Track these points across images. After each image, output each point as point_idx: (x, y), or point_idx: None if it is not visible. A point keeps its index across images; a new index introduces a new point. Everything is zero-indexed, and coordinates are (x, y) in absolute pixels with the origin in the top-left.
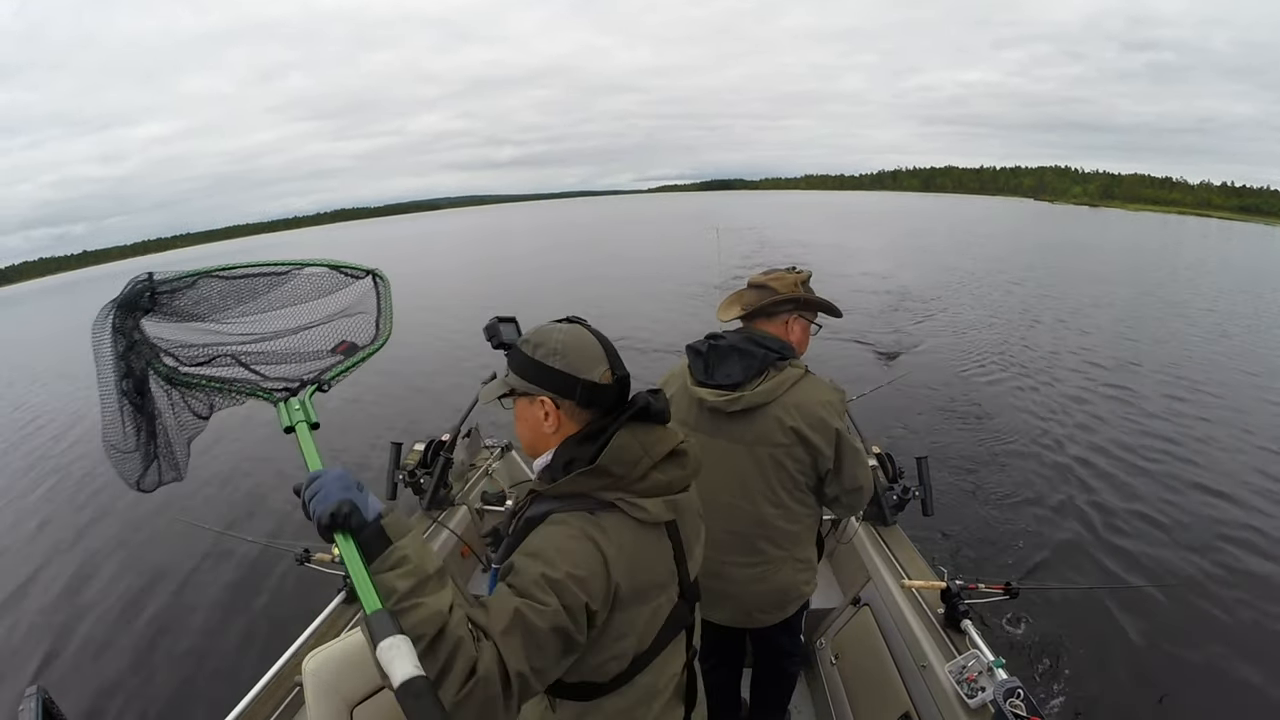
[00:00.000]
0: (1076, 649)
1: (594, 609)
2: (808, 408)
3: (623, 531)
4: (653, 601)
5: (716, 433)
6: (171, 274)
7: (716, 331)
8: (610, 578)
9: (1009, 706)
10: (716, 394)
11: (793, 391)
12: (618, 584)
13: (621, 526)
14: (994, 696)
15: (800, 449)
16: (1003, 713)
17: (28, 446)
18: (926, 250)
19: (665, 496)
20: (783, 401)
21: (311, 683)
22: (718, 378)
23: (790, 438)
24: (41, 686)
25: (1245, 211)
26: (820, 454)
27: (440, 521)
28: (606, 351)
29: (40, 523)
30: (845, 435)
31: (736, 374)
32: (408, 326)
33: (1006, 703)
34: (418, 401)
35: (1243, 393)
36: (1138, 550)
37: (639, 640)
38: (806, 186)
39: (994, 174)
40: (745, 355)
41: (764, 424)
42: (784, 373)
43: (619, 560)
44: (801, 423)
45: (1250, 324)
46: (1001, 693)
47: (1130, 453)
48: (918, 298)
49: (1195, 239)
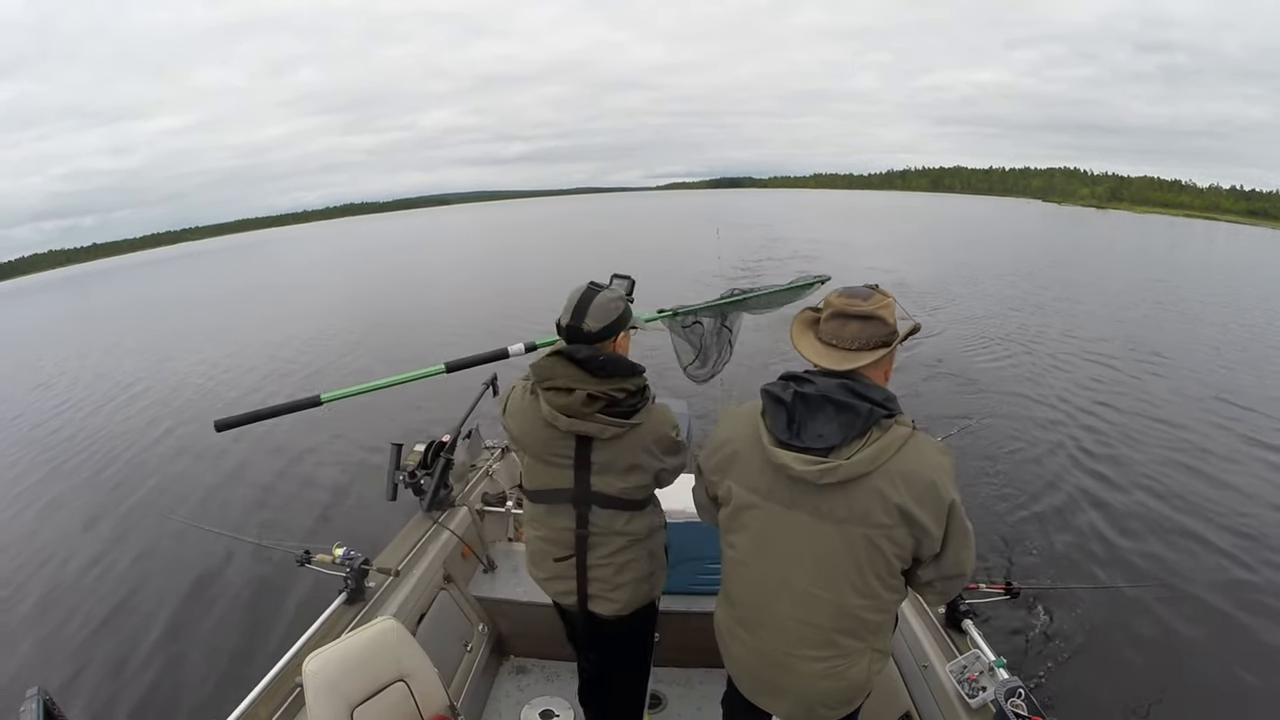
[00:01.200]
0: (1078, 649)
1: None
2: (918, 478)
3: (527, 402)
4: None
5: (796, 504)
6: None
7: (796, 371)
8: (505, 419)
9: (1010, 706)
10: (805, 460)
11: (900, 457)
12: (509, 428)
13: (521, 400)
14: (995, 696)
15: (904, 530)
16: (1004, 713)
17: (27, 447)
18: (927, 248)
19: (556, 408)
20: (888, 470)
21: (312, 683)
22: (806, 438)
23: (894, 517)
24: (42, 688)
25: (1254, 215)
26: (928, 536)
27: (441, 523)
28: (572, 307)
29: (41, 523)
30: (959, 512)
31: (833, 435)
32: (408, 327)
33: (1008, 703)
34: (418, 402)
35: (1244, 393)
36: (1139, 551)
37: (529, 477)
38: (815, 185)
39: (1003, 175)
40: (844, 410)
41: (863, 498)
42: (890, 433)
43: (509, 421)
44: (909, 498)
45: (1256, 331)
46: (1003, 692)
47: (1132, 454)
48: (915, 294)
49: (1200, 242)
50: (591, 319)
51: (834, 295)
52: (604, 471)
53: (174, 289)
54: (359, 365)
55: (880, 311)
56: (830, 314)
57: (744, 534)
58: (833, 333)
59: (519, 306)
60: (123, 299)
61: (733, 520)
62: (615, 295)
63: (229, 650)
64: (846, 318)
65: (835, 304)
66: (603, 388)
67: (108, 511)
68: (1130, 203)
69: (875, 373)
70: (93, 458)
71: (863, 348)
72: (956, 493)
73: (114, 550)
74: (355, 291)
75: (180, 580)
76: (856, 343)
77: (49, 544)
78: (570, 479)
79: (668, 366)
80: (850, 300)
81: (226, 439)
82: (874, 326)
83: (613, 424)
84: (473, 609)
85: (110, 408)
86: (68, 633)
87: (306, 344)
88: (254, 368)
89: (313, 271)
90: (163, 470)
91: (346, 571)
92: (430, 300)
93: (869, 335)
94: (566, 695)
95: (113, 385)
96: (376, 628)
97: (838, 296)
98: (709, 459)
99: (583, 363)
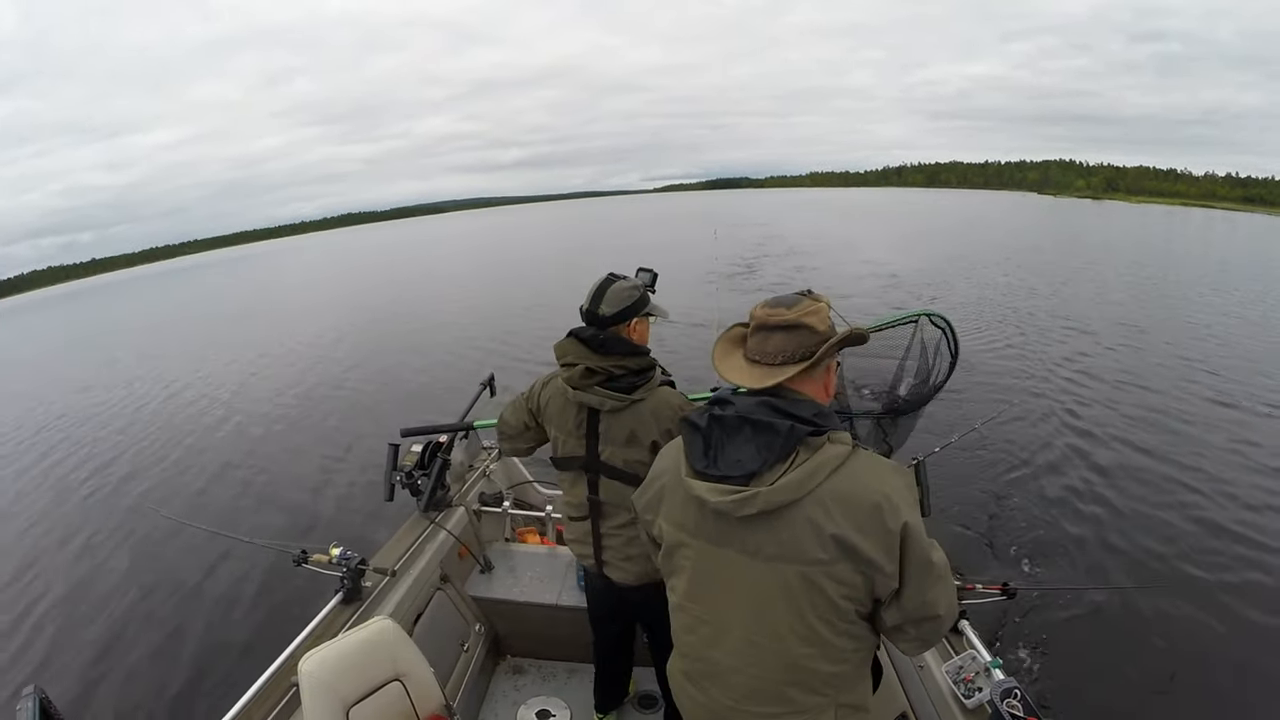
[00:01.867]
0: (1074, 649)
1: (533, 410)
2: (858, 501)
3: (557, 381)
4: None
5: (724, 540)
6: None
7: (722, 391)
8: (538, 400)
9: (1006, 707)
10: (720, 490)
11: (835, 479)
12: (540, 406)
13: (552, 380)
14: (991, 697)
15: (845, 565)
16: (999, 713)
17: (25, 448)
18: (921, 241)
19: (565, 380)
20: (819, 496)
21: (308, 683)
22: (723, 465)
23: (831, 550)
24: (38, 686)
25: (1250, 202)
26: (877, 570)
27: (438, 523)
28: (591, 293)
29: (36, 523)
30: (915, 538)
31: (750, 459)
32: (408, 327)
33: (1004, 703)
34: (415, 403)
35: (1245, 393)
36: (1136, 551)
37: (554, 446)
38: (812, 184)
39: (999, 168)
40: (762, 431)
41: (792, 530)
42: (821, 452)
43: (542, 395)
44: (848, 526)
45: (1259, 325)
46: (999, 693)
47: (1130, 453)
48: (909, 288)
49: (1197, 231)
50: (605, 304)
51: (758, 307)
52: (608, 442)
53: (184, 301)
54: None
55: (806, 319)
56: (754, 327)
57: (679, 576)
58: (756, 347)
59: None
60: (128, 312)
61: (667, 562)
62: (630, 285)
63: (225, 649)
64: (769, 329)
65: (758, 315)
66: (602, 363)
67: (106, 512)
68: (1126, 193)
69: (810, 387)
70: (92, 459)
71: (786, 361)
72: (911, 515)
73: (110, 549)
74: (352, 295)
75: (176, 579)
76: (780, 356)
77: (45, 545)
78: (583, 448)
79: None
80: (773, 310)
81: (225, 439)
82: (800, 336)
83: (612, 397)
84: (469, 609)
85: (109, 408)
86: (64, 632)
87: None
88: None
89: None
90: (161, 470)
91: (343, 571)
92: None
93: (795, 346)
94: (563, 695)
95: (111, 386)
96: (373, 627)
97: (761, 307)
98: (640, 497)
99: (586, 341)
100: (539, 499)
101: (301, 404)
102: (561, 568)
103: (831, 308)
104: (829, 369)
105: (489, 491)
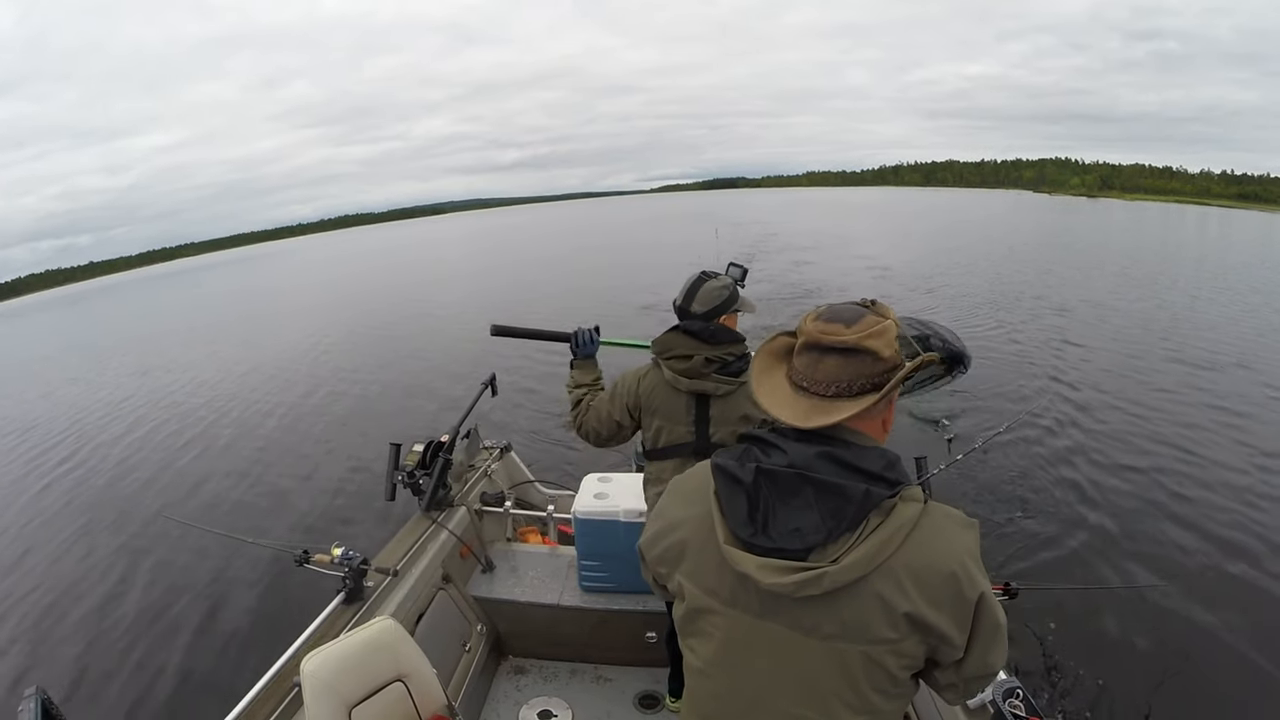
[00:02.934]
0: (1076, 649)
1: (631, 407)
2: (934, 573)
3: (653, 375)
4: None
5: (768, 614)
6: None
7: (756, 432)
8: (637, 395)
9: (1008, 707)
10: (776, 569)
11: (908, 547)
12: (640, 401)
13: (647, 374)
14: (993, 696)
15: (913, 640)
16: (1001, 713)
17: (24, 450)
18: (916, 237)
19: (678, 373)
20: (890, 568)
21: (310, 683)
22: (776, 535)
23: (903, 629)
24: (40, 687)
25: (1244, 199)
26: (947, 643)
27: (439, 523)
28: (684, 292)
29: (38, 525)
30: (989, 605)
31: (814, 531)
32: (407, 328)
33: (1005, 703)
34: (417, 403)
35: (1247, 394)
36: (1137, 551)
37: (654, 439)
38: (808, 183)
39: (995, 167)
40: (829, 494)
41: (858, 609)
42: (894, 517)
43: (640, 389)
44: (922, 601)
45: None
46: (1000, 693)
47: (1131, 453)
48: (901, 283)
49: (1192, 227)
50: (698, 303)
51: (810, 318)
52: (720, 425)
53: (183, 305)
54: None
55: (869, 342)
56: (802, 344)
57: (703, 640)
58: (804, 371)
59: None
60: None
61: (688, 624)
62: (721, 284)
63: (227, 650)
64: (821, 351)
65: (808, 330)
66: (716, 352)
67: (106, 513)
68: (1121, 190)
69: (868, 424)
70: (90, 460)
71: (841, 393)
72: (985, 580)
73: (112, 550)
74: (352, 297)
75: (178, 580)
76: (834, 386)
77: (47, 546)
78: (693, 434)
79: None
80: (827, 327)
81: (227, 440)
82: (860, 364)
83: (726, 381)
84: (471, 609)
85: (107, 410)
86: (66, 632)
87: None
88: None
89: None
90: (161, 471)
91: (345, 571)
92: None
93: (852, 375)
94: (564, 695)
95: (107, 389)
96: (375, 627)
97: (812, 320)
98: (651, 546)
99: (697, 333)
100: (540, 499)
101: (302, 404)
102: (563, 568)
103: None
104: (891, 401)
105: (491, 491)
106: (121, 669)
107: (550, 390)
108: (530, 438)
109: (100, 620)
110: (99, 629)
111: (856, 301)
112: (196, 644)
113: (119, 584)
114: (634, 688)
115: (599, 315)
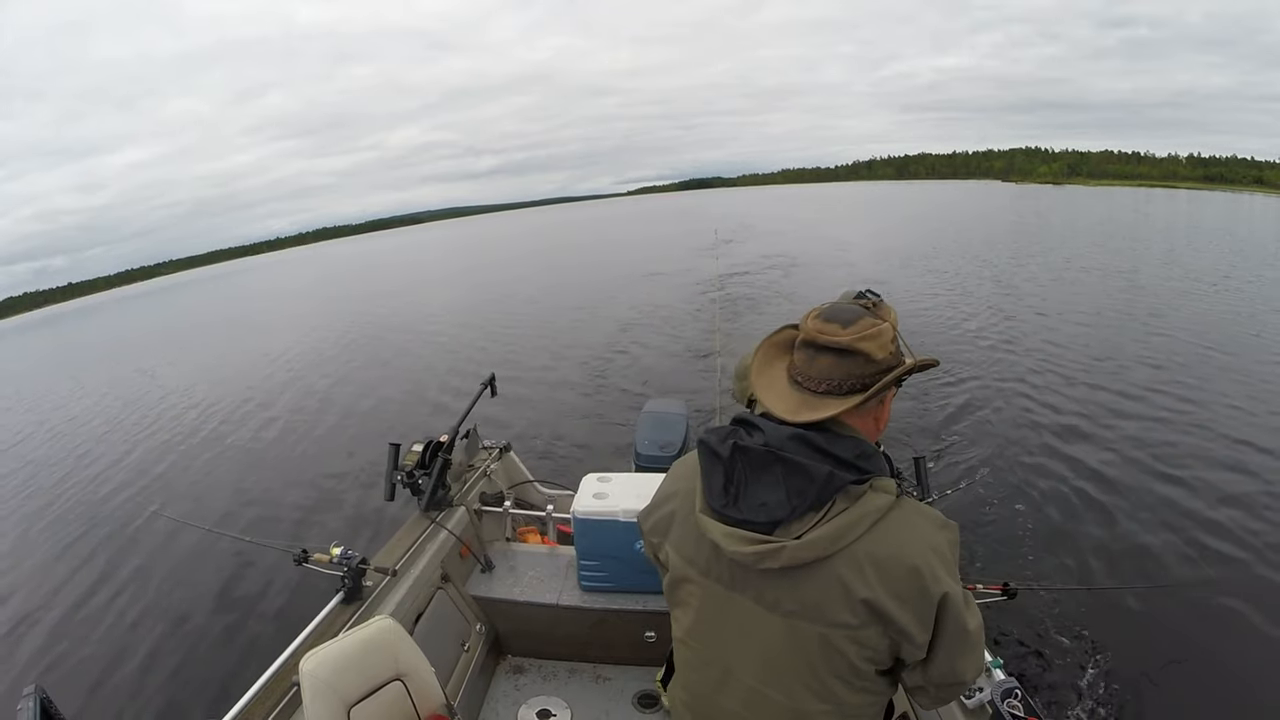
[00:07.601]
0: (1074, 649)
1: None
2: (896, 564)
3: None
4: None
5: (737, 586)
6: None
7: (745, 414)
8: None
9: (1006, 707)
10: (739, 538)
11: (873, 535)
12: None
13: None
14: (992, 697)
15: (873, 630)
16: (1000, 713)
17: (22, 451)
18: (872, 226)
19: None
20: (853, 553)
21: (309, 683)
22: (745, 509)
23: (861, 614)
24: (39, 686)
25: (1211, 181)
26: (907, 639)
27: (439, 523)
28: None
29: (36, 525)
30: (953, 608)
31: (778, 506)
32: (407, 329)
33: (1004, 703)
34: (416, 402)
35: (1248, 393)
36: (1136, 551)
37: None
38: (784, 181)
39: (966, 158)
40: (796, 473)
41: (817, 589)
42: (861, 503)
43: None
44: (882, 590)
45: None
46: (999, 693)
47: (1131, 452)
48: (863, 266)
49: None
50: None
51: (811, 315)
52: None
53: (170, 318)
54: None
55: (862, 344)
56: (801, 340)
57: (684, 610)
58: (801, 366)
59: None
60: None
61: (672, 593)
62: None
63: (226, 649)
64: (817, 349)
65: (808, 328)
66: None
67: (105, 513)
68: (1088, 177)
69: (858, 420)
70: (93, 462)
71: (832, 391)
72: (953, 582)
73: (110, 549)
74: (350, 302)
75: (178, 579)
76: (825, 384)
77: (46, 545)
78: None
79: (659, 365)
80: (825, 326)
81: (227, 441)
82: (852, 364)
83: None
84: (470, 608)
85: (110, 411)
86: (65, 631)
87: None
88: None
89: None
90: (161, 472)
91: (344, 571)
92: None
93: (843, 375)
94: (563, 695)
95: (111, 392)
96: (374, 627)
97: (814, 318)
98: (647, 516)
99: None
100: (540, 499)
101: (302, 405)
102: (562, 567)
103: (897, 326)
104: (884, 400)
105: (490, 491)
106: (120, 668)
107: (550, 390)
108: (529, 438)
109: (99, 619)
110: (98, 628)
111: (860, 300)
112: (195, 643)
113: (118, 583)
114: (633, 687)
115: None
